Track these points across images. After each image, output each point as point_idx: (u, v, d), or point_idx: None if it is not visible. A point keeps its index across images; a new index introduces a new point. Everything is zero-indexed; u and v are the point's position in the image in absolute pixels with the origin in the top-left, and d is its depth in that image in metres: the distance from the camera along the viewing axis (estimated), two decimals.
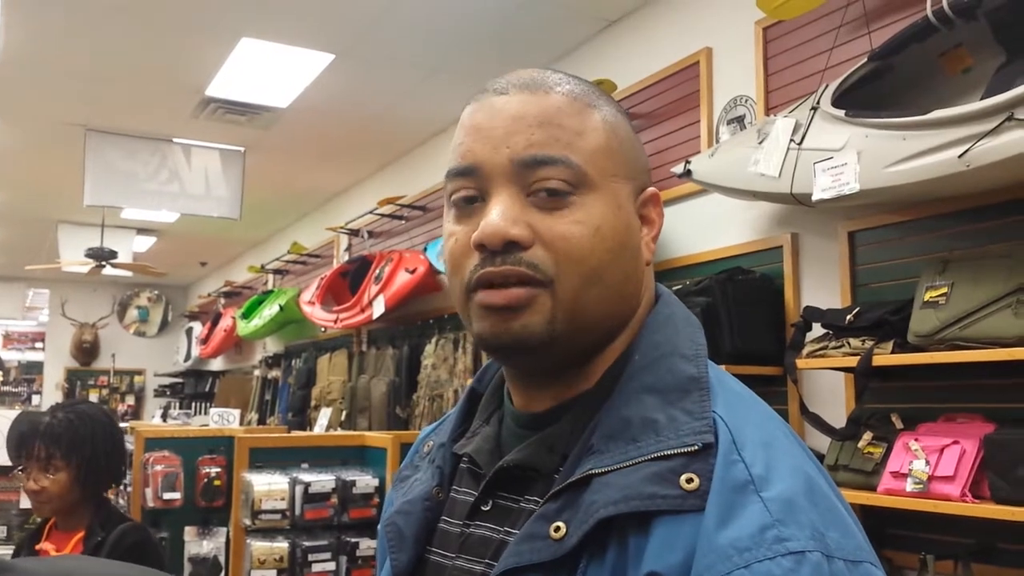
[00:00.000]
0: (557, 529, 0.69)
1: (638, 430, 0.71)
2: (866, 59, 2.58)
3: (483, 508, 0.79)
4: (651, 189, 0.83)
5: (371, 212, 5.88)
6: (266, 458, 3.39)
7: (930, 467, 2.16)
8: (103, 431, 2.38)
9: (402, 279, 5.12)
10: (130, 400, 12.14)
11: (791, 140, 2.58)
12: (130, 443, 3.75)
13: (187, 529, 3.71)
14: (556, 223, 0.75)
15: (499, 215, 0.74)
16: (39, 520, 2.48)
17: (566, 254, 0.74)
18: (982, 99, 2.11)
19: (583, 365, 0.79)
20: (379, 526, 0.90)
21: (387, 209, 5.75)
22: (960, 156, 2.07)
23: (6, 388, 14.40)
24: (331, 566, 3.23)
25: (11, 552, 2.65)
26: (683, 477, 0.67)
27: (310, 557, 3.20)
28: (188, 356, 10.57)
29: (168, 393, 11.48)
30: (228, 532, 3.64)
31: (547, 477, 0.75)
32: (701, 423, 0.70)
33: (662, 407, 0.72)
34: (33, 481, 2.29)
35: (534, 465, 0.77)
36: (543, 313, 0.74)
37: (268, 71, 4.55)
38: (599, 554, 0.68)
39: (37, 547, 2.35)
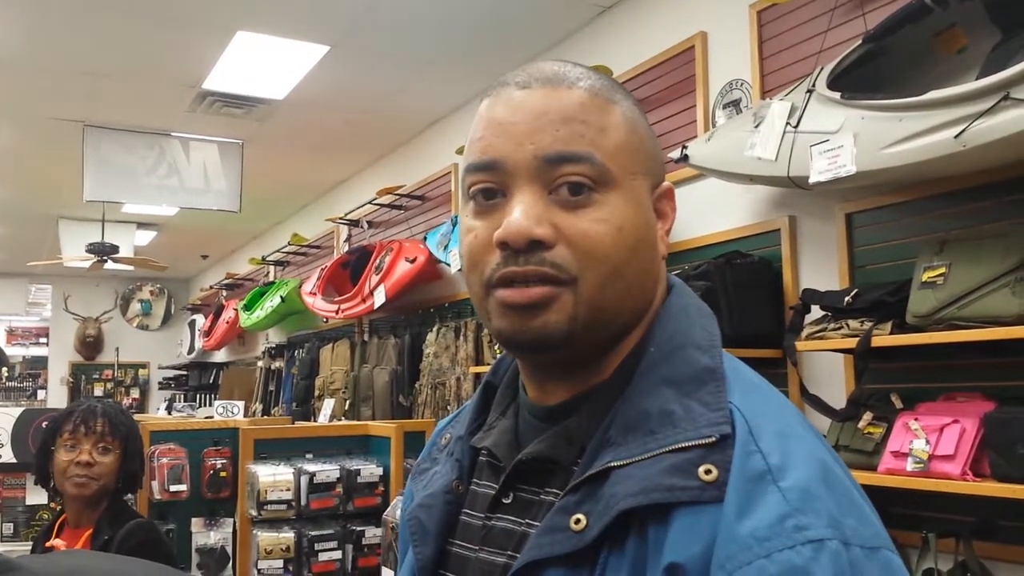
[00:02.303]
0: (577, 521, 0.70)
1: (656, 422, 0.71)
2: (861, 41, 2.57)
3: (504, 501, 0.80)
4: (666, 184, 0.83)
5: (370, 202, 5.88)
6: (271, 449, 3.41)
7: (930, 446, 2.17)
8: (139, 435, 2.47)
9: (402, 268, 5.13)
10: (135, 393, 12.18)
11: (787, 123, 2.58)
12: None
13: (194, 520, 3.73)
14: (579, 221, 0.74)
15: (522, 214, 0.74)
16: (49, 517, 2.50)
17: (589, 252, 0.74)
18: (977, 79, 2.11)
19: (600, 357, 0.79)
20: (386, 515, 0.91)
21: (386, 199, 5.75)
22: (956, 136, 2.07)
23: (11, 384, 14.45)
24: (337, 555, 3.25)
25: (17, 550, 2.66)
26: (701, 468, 0.67)
27: (316, 546, 3.22)
28: (192, 348, 10.60)
29: (172, 386, 11.51)
30: (235, 523, 3.66)
31: (566, 469, 0.76)
32: (718, 414, 0.70)
33: (678, 398, 0.72)
34: (86, 453, 2.30)
35: (553, 457, 0.77)
36: (564, 312, 0.74)
37: (264, 63, 4.55)
38: (619, 546, 0.68)
39: (48, 543, 2.36)
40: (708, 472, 0.67)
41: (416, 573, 0.83)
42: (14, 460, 5.04)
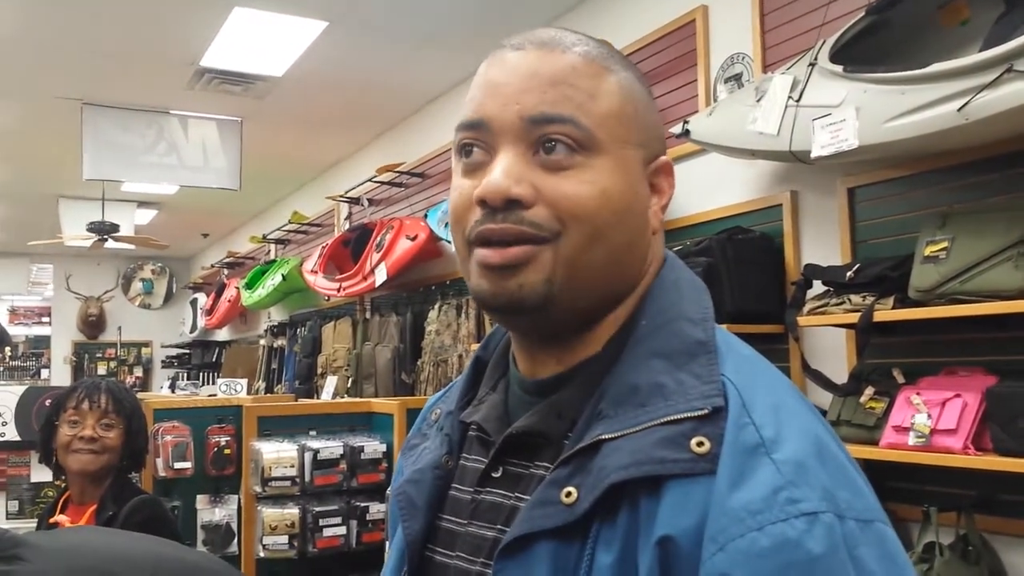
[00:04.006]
0: (568, 494, 0.70)
1: (647, 395, 0.71)
2: (863, 13, 2.55)
3: (493, 475, 0.79)
4: (663, 158, 0.82)
5: (370, 180, 5.86)
6: (274, 426, 3.42)
7: (932, 420, 2.17)
8: (143, 413, 2.47)
9: (403, 246, 5.13)
10: (138, 372, 12.22)
11: (789, 97, 2.56)
12: None
13: (199, 497, 3.75)
14: (561, 183, 0.74)
15: (502, 172, 0.74)
16: (54, 495, 2.51)
17: (570, 212, 0.74)
18: (981, 51, 2.10)
19: (587, 330, 0.78)
20: (390, 491, 0.91)
21: (386, 176, 5.74)
22: (959, 109, 2.06)
23: (14, 363, 14.49)
24: (342, 530, 3.27)
25: (22, 527, 2.67)
26: (693, 441, 0.67)
27: (321, 522, 3.24)
28: (194, 327, 10.62)
29: (175, 364, 11.55)
30: (239, 499, 3.68)
31: (556, 443, 0.76)
32: (710, 387, 0.70)
33: (670, 371, 0.72)
34: (89, 428, 2.31)
35: (543, 431, 0.77)
36: (542, 271, 0.74)
37: (262, 40, 4.52)
38: (611, 518, 0.68)
39: (52, 520, 2.37)
40: (700, 444, 0.67)
41: (405, 548, 0.83)
42: (18, 438, 5.06)
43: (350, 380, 5.79)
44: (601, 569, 0.67)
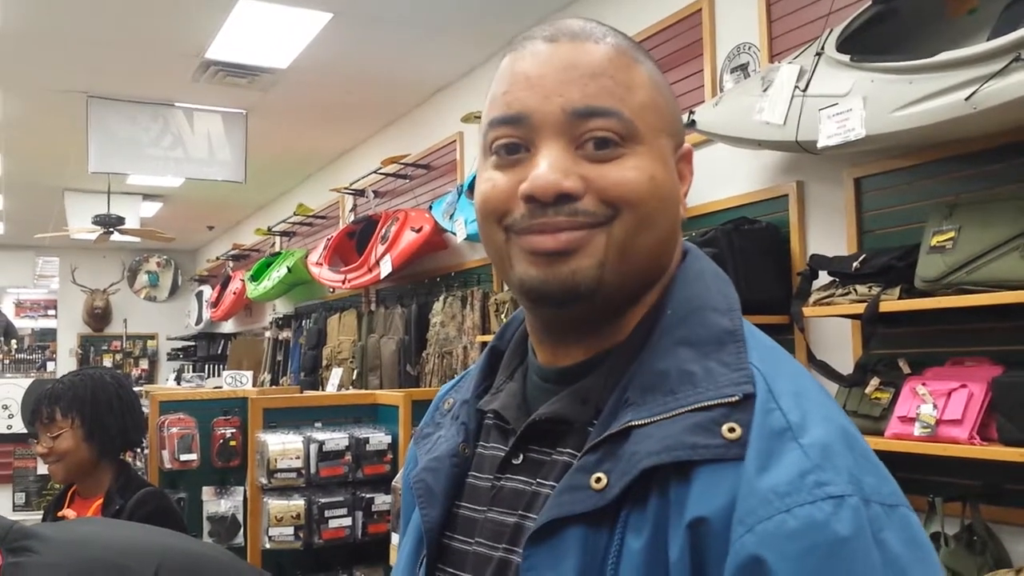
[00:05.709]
0: (598, 480, 0.70)
1: (675, 382, 0.72)
2: (870, 2, 2.54)
3: (514, 461, 0.80)
4: (686, 146, 0.83)
5: (375, 172, 5.86)
6: (280, 418, 3.44)
7: (938, 411, 2.17)
8: (106, 390, 2.41)
9: (408, 238, 5.13)
10: (144, 364, 12.24)
11: (796, 87, 2.55)
12: (145, 407, 3.79)
13: (205, 489, 3.77)
14: (609, 171, 0.74)
15: (550, 167, 0.74)
16: (61, 487, 2.52)
17: (622, 198, 0.74)
18: (988, 40, 2.09)
19: (617, 317, 0.79)
20: (395, 482, 0.91)
21: (391, 168, 5.73)
22: (967, 99, 2.05)
23: (20, 356, 14.54)
24: (347, 521, 3.28)
25: (29, 520, 2.70)
26: (725, 427, 0.68)
27: (326, 513, 3.26)
28: (199, 319, 10.64)
29: (181, 356, 11.57)
30: (245, 491, 3.69)
31: (579, 430, 0.76)
32: (739, 374, 0.71)
33: (698, 359, 0.73)
34: (41, 445, 2.33)
35: (567, 418, 0.77)
36: (595, 256, 0.74)
37: (267, 32, 4.51)
38: (640, 504, 0.69)
39: (59, 513, 2.38)
40: (732, 430, 0.68)
41: (423, 535, 0.83)
42: (24, 431, 5.08)
43: (355, 372, 5.79)
44: (631, 553, 0.68)
